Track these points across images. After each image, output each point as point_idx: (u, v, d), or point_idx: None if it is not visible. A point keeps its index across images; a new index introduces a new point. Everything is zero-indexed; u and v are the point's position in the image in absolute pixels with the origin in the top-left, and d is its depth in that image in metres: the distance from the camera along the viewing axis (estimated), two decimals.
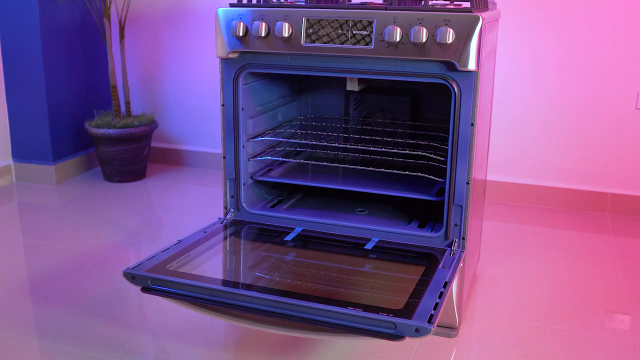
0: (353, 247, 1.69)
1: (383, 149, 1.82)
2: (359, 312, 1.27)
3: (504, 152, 2.78)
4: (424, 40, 1.54)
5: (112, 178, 2.97)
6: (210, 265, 1.54)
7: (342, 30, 1.62)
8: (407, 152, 1.80)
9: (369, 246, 1.69)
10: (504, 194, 2.81)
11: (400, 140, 1.99)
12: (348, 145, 1.92)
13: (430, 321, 1.26)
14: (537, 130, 2.70)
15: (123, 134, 2.85)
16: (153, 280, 1.42)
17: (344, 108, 2.20)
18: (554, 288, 2.01)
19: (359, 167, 1.83)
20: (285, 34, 1.64)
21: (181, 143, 3.27)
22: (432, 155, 1.76)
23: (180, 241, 1.65)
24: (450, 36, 1.51)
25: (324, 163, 1.89)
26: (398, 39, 1.55)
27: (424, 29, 1.53)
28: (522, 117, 2.71)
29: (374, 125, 2.13)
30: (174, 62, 3.15)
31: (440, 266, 1.55)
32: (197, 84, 3.14)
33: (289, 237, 1.73)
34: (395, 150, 1.81)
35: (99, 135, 2.85)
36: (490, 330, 1.76)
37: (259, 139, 1.90)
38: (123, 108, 3.12)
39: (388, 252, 1.67)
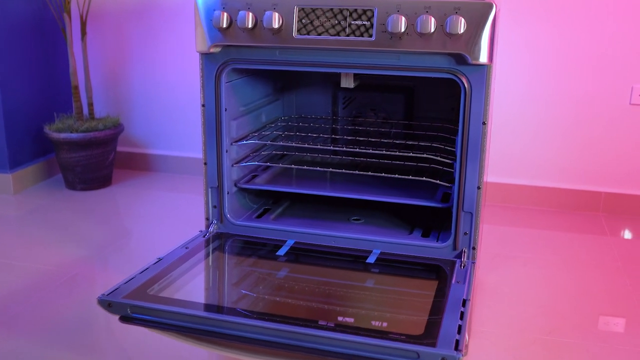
0: (353, 260, 1.53)
1: (384, 152, 1.66)
2: (376, 341, 1.11)
3: (493, 152, 2.65)
4: (432, 30, 1.38)
5: (75, 186, 2.75)
6: (197, 288, 1.36)
7: (339, 20, 1.45)
8: (411, 154, 1.64)
9: (371, 259, 1.53)
10: (494, 195, 2.69)
11: (398, 142, 1.83)
12: (343, 148, 1.76)
13: (457, 348, 1.10)
14: (528, 129, 2.58)
15: (87, 139, 2.63)
16: (133, 308, 1.23)
17: (332, 107, 2.03)
18: (560, 296, 1.88)
19: (356, 172, 1.67)
20: (275, 24, 1.47)
21: (149, 147, 3.06)
22: (438, 158, 1.61)
23: (160, 259, 1.47)
24: (461, 26, 1.36)
25: (317, 168, 1.72)
26: (403, 29, 1.39)
27: (432, 18, 1.38)
28: (512, 115, 2.59)
29: (366, 125, 1.97)
30: (140, 60, 2.94)
31: (453, 281, 1.40)
32: (165, 83, 2.94)
33: (281, 252, 1.56)
34: (397, 153, 1.65)
35: (60, 140, 2.63)
36: (502, 346, 1.62)
37: (244, 142, 1.72)
38: (86, 110, 2.90)
39: (392, 265, 1.51)
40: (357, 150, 1.68)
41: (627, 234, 2.37)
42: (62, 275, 1.97)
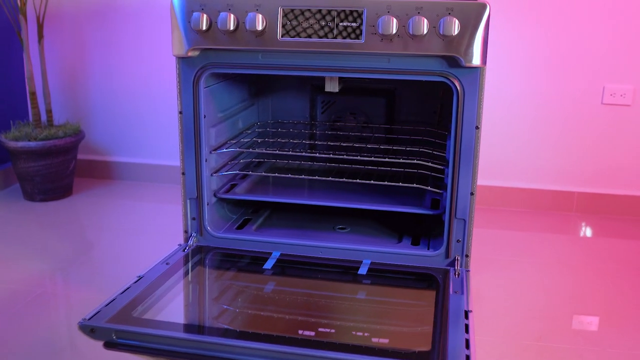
0: (344, 272, 1.46)
1: (372, 158, 1.60)
2: None
3: None
4: (425, 32, 1.33)
5: (34, 197, 2.61)
6: (184, 308, 1.28)
7: (326, 21, 1.39)
8: (401, 160, 1.59)
9: (362, 270, 1.47)
10: None
11: (384, 147, 1.77)
12: (330, 155, 1.69)
13: None
14: (500, 130, 2.57)
15: (46, 147, 2.50)
16: (119, 333, 1.14)
17: (310, 111, 1.96)
18: (548, 299, 1.86)
19: (343, 179, 1.60)
20: (259, 26, 1.39)
21: (110, 154, 2.93)
22: (429, 164, 1.56)
23: (140, 277, 1.37)
24: (455, 27, 1.32)
25: (302, 176, 1.65)
26: (394, 31, 1.34)
27: (425, 19, 1.33)
28: (484, 117, 2.57)
29: (346, 130, 1.91)
30: (99, 64, 2.81)
31: (451, 291, 1.35)
32: (126, 87, 2.82)
33: (268, 265, 1.49)
34: (386, 159, 1.60)
35: (17, 149, 2.49)
36: (495, 354, 1.58)
37: (224, 150, 1.64)
38: (44, 117, 2.75)
39: (385, 276, 1.45)
40: (345, 157, 1.61)
41: (604, 234, 2.38)
42: (27, 294, 1.85)
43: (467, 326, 1.19)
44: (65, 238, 2.25)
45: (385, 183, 1.56)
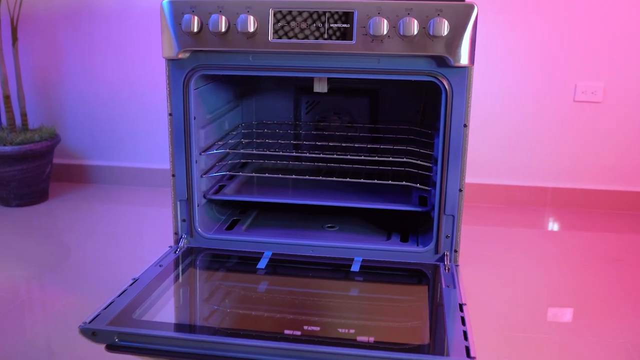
0: (338, 270, 1.48)
1: (362, 157, 1.62)
2: (388, 354, 1.07)
3: None
4: (415, 32, 1.36)
5: (10, 202, 2.57)
6: (184, 309, 1.28)
7: (317, 23, 1.41)
8: (390, 158, 1.61)
9: (355, 268, 1.49)
10: None
11: (372, 146, 1.80)
12: (320, 155, 1.71)
13: (469, 355, 1.08)
14: (474, 127, 2.62)
15: (22, 151, 2.46)
16: (121, 336, 1.14)
17: (294, 112, 1.98)
18: (527, 291, 1.91)
19: (334, 178, 1.62)
20: (250, 28, 1.41)
21: (86, 158, 2.90)
22: (418, 162, 1.59)
23: (135, 280, 1.37)
24: (445, 28, 1.35)
25: (292, 176, 1.66)
26: (385, 32, 1.37)
27: (415, 20, 1.36)
28: None
29: (331, 130, 1.94)
30: (74, 67, 2.78)
31: (443, 285, 1.39)
32: (102, 90, 2.79)
33: (261, 265, 1.50)
34: (375, 158, 1.62)
35: None
36: (481, 347, 1.62)
37: (213, 151, 1.65)
38: (18, 121, 2.71)
39: (377, 273, 1.48)
40: (335, 156, 1.64)
41: (577, 228, 2.45)
42: (11, 301, 1.82)
43: (463, 319, 1.22)
44: (43, 243, 2.22)
45: (375, 182, 1.58)
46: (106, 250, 2.17)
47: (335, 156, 1.64)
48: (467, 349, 1.10)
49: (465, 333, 1.16)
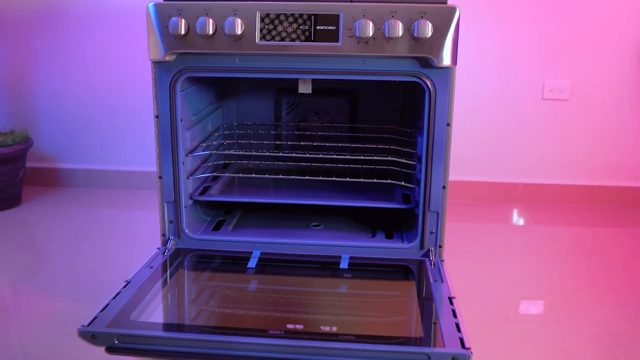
0: (327, 268, 1.51)
1: (347, 156, 1.65)
2: (385, 347, 1.11)
3: None
4: (400, 34, 1.40)
5: None
6: (181, 309, 1.29)
7: (303, 25, 1.43)
8: (375, 157, 1.65)
9: (343, 265, 1.52)
10: None
11: (356, 145, 1.83)
12: (306, 155, 1.73)
13: (464, 346, 1.13)
14: None
15: None
16: (121, 337, 1.15)
17: (274, 112, 2.00)
18: (503, 284, 1.97)
19: (320, 177, 1.65)
20: (238, 31, 1.42)
21: (58, 161, 2.87)
22: (402, 160, 1.63)
23: (128, 282, 1.38)
24: (429, 30, 1.39)
25: (280, 176, 1.69)
26: (371, 34, 1.40)
27: (400, 23, 1.39)
28: None
29: (313, 130, 1.96)
30: (45, 69, 2.74)
31: (430, 280, 1.43)
32: (73, 92, 2.76)
33: (251, 264, 1.52)
34: (361, 157, 1.66)
35: None
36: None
37: (200, 152, 1.66)
38: None
39: (366, 269, 1.51)
40: (320, 156, 1.66)
41: (548, 222, 2.52)
42: None
43: (454, 311, 1.27)
44: (19, 248, 2.20)
45: (361, 180, 1.61)
46: (83, 254, 2.15)
47: (320, 156, 1.66)
48: (462, 340, 1.14)
49: (457, 325, 1.20)
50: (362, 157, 1.67)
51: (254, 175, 1.67)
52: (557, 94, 2.61)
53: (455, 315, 1.25)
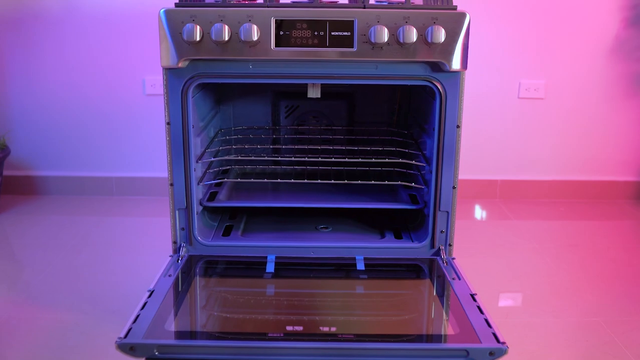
0: (343, 269, 1.54)
1: (359, 159, 1.68)
2: (424, 345, 1.14)
3: None
4: (414, 40, 1.43)
5: None
6: (211, 317, 1.29)
7: (318, 32, 1.45)
8: (387, 160, 1.68)
9: (360, 266, 1.55)
10: None
11: (365, 148, 1.85)
12: (318, 158, 1.73)
13: (499, 341, 1.17)
14: None
15: None
16: (161, 348, 1.14)
17: (272, 116, 2.01)
18: (499, 280, 2.03)
19: (332, 181, 1.67)
20: (254, 37, 1.43)
21: (35, 169, 2.80)
22: (411, 162, 1.67)
23: (152, 292, 1.37)
24: (442, 35, 1.43)
25: (290, 180, 1.70)
26: (386, 40, 1.43)
27: (414, 29, 1.43)
28: None
29: (311, 133, 1.98)
30: (20, 75, 2.67)
31: (447, 277, 1.47)
32: (50, 98, 2.70)
33: (269, 269, 1.53)
34: (373, 160, 1.68)
35: None
36: None
37: (212, 159, 1.66)
38: None
39: (381, 270, 1.54)
40: (332, 159, 1.68)
41: (527, 217, 2.61)
42: None
43: (479, 308, 1.31)
44: (3, 260, 2.14)
45: (372, 182, 1.64)
46: (71, 262, 2.11)
47: (329, 159, 1.68)
48: (495, 336, 1.19)
49: (487, 321, 1.25)
50: (372, 160, 1.70)
51: (265, 180, 1.68)
52: (533, 93, 2.70)
53: (481, 312, 1.29)
